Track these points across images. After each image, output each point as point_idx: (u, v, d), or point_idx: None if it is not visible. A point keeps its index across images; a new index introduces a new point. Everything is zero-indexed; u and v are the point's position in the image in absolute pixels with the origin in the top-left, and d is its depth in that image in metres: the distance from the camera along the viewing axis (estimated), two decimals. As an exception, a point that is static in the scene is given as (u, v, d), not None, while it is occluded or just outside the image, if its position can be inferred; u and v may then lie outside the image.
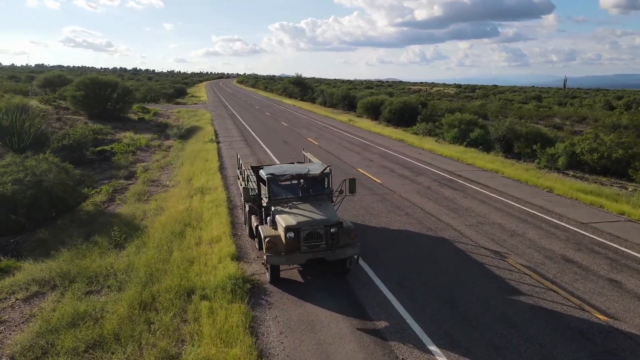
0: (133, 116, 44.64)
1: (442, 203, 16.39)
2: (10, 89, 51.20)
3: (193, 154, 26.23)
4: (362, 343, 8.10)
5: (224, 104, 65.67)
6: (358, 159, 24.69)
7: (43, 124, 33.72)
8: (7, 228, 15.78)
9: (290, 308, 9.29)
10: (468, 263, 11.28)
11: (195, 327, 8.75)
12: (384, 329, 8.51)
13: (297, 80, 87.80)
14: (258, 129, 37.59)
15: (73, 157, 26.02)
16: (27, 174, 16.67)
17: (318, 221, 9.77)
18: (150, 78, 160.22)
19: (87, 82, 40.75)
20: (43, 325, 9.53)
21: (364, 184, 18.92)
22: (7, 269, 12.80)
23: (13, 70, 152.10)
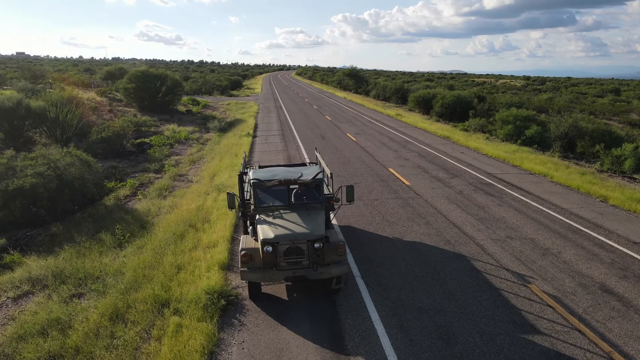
0: (182, 108, 45.37)
1: (470, 211, 14.71)
2: (74, 81, 53.82)
3: (226, 148, 25.85)
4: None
5: (275, 97, 65.59)
6: (393, 157, 23.19)
7: (92, 115, 34.90)
8: (27, 220, 15.97)
9: (261, 332, 8.32)
10: (481, 288, 9.75)
11: (156, 347, 8.00)
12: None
13: (352, 73, 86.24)
14: (299, 122, 36.80)
15: (112, 149, 26.55)
16: (49, 167, 16.80)
17: (299, 235, 8.66)
18: (213, 70, 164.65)
19: (138, 74, 41.81)
20: (16, 330, 9.22)
21: (390, 186, 17.52)
22: (11, 264, 12.81)
23: (91, 64, 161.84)
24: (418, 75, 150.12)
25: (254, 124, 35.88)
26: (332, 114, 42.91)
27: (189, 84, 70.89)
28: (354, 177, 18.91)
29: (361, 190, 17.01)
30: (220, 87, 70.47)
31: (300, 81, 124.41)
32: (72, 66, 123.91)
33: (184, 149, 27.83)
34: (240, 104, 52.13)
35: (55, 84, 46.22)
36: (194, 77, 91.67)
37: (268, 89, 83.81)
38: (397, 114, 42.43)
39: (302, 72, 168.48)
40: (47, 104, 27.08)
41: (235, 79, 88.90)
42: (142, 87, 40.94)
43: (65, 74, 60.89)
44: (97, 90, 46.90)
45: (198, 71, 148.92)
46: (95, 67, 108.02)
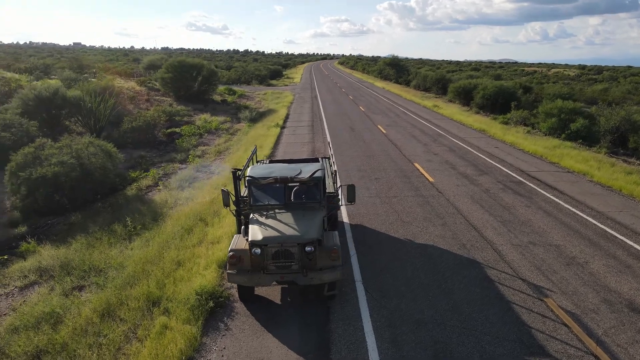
0: (217, 98, 45.69)
1: (494, 212, 13.73)
2: (117, 71, 55.34)
3: (252, 139, 25.64)
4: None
5: (313, 87, 65.08)
6: (421, 151, 22.23)
7: (129, 105, 35.63)
8: (50, 209, 16.31)
9: (246, 338, 7.92)
10: (490, 300, 8.94)
11: (138, 348, 7.77)
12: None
13: (393, 62, 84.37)
14: (331, 113, 36.17)
15: (143, 138, 26.95)
16: (72, 156, 17.07)
17: (289, 237, 8.16)
18: (256, 59, 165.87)
19: (175, 64, 42.34)
20: (13, 321, 9.28)
21: (412, 183, 16.70)
22: (25, 252, 13.05)
23: (140, 53, 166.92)
24: (464, 65, 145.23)
25: (285, 114, 35.57)
26: (367, 105, 41.98)
27: (230, 74, 71.54)
28: (376, 172, 18.20)
29: (381, 186, 16.30)
30: (259, 76, 70.63)
31: (342, 70, 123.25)
32: (123, 56, 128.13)
33: (212, 139, 27.89)
34: (277, 94, 51.99)
35: (99, 73, 47.64)
36: (236, 66, 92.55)
37: (307, 79, 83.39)
38: (435, 105, 40.98)
39: (345, 62, 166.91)
40: (83, 94, 27.77)
41: (275, 68, 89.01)
42: (179, 77, 41.42)
43: (110, 64, 62.78)
44: (137, 79, 47.96)
45: (241, 60, 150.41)
46: (145, 57, 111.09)
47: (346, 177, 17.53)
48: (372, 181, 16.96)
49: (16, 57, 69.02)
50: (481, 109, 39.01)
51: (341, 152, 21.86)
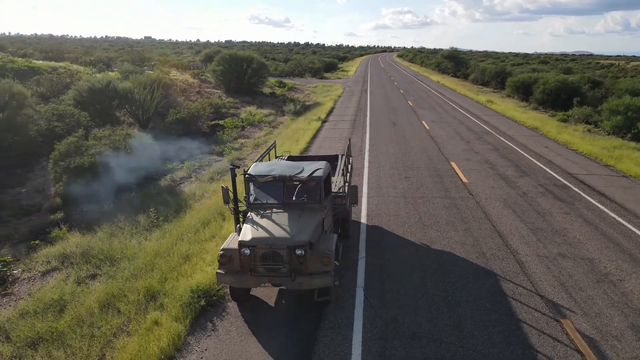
0: (267, 90, 46.10)
1: (526, 218, 12.70)
2: (174, 63, 57.28)
3: (291, 133, 25.56)
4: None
5: (365, 80, 64.16)
6: (462, 149, 21.13)
7: (180, 96, 36.71)
8: (87, 196, 17.02)
9: (230, 340, 7.73)
10: (498, 317, 8.19)
11: (125, 343, 7.80)
12: (315, 398, 6.44)
13: (452, 55, 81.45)
14: (377, 108, 35.36)
15: (188, 129, 27.59)
16: (110, 147, 17.71)
17: (278, 239, 7.86)
18: (315, 52, 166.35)
19: (226, 57, 43.12)
20: (25, 306, 9.66)
21: (444, 183, 15.86)
22: (56, 238, 13.64)
23: (204, 46, 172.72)
24: (532, 57, 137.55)
25: (330, 108, 35.22)
26: (416, 99, 40.70)
27: (284, 66, 72.09)
28: (408, 170, 17.47)
29: (409, 185, 15.60)
30: (312, 69, 70.60)
31: (399, 63, 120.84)
32: (188, 49, 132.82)
33: (254, 132, 28.08)
34: (327, 87, 51.70)
35: (156, 66, 49.49)
36: (294, 59, 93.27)
37: (361, 72, 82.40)
38: (488, 100, 39.01)
39: (404, 55, 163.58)
40: (133, 85, 28.85)
41: (330, 61, 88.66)
42: (229, 70, 42.15)
43: (170, 57, 65.12)
44: (192, 72, 49.37)
45: (300, 53, 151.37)
46: (208, 49, 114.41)
47: (376, 174, 16.96)
48: (401, 180, 16.28)
49: (87, 50, 73.24)
50: (541, 105, 36.72)
51: (377, 148, 21.24)
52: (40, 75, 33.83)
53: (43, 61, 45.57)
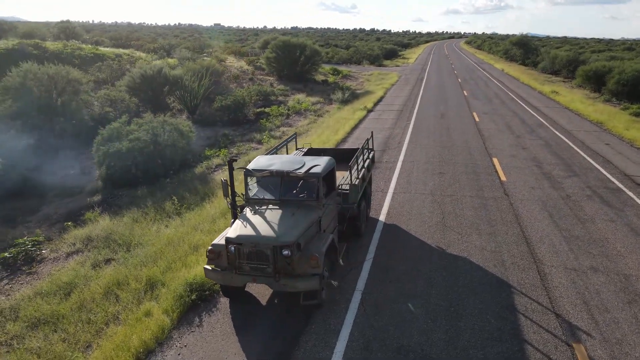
0: (320, 77, 45.75)
1: (563, 224, 11.56)
2: (232, 50, 58.32)
3: (333, 123, 25.13)
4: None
5: (424, 68, 62.03)
6: (509, 144, 19.73)
7: (232, 83, 37.27)
8: (125, 181, 17.63)
9: (212, 338, 7.58)
10: (500, 336, 7.44)
11: (113, 331, 7.90)
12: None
13: (521, 41, 76.74)
14: (429, 98, 33.99)
15: (233, 116, 27.91)
16: (148, 134, 18.20)
17: (263, 238, 7.56)
18: (379, 39, 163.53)
19: (279, 44, 43.18)
20: (41, 286, 10.10)
21: (479, 181, 14.84)
22: (87, 221, 14.23)
23: (269, 33, 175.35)
24: (617, 44, 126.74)
25: (380, 97, 34.33)
26: (473, 89, 38.70)
27: (342, 54, 71.37)
28: (444, 166, 16.55)
29: (441, 182, 14.76)
30: (371, 56, 69.32)
31: (465, 51, 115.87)
32: (253, 35, 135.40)
33: (298, 120, 27.93)
34: (383, 75, 50.53)
35: (213, 53, 50.60)
36: (356, 46, 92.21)
37: (422, 60, 79.84)
38: (553, 91, 36.31)
39: (472, 41, 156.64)
40: (184, 73, 29.60)
41: (391, 48, 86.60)
42: (282, 57, 42.21)
43: (231, 44, 66.39)
44: (247, 59, 50.01)
45: (364, 40, 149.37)
46: (268, 36, 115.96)
47: (408, 169, 16.22)
48: (434, 176, 15.44)
49: (154, 38, 76.31)
50: (614, 97, 33.70)
51: (417, 141, 20.35)
52: (103, 62, 35.58)
53: (111, 48, 47.96)
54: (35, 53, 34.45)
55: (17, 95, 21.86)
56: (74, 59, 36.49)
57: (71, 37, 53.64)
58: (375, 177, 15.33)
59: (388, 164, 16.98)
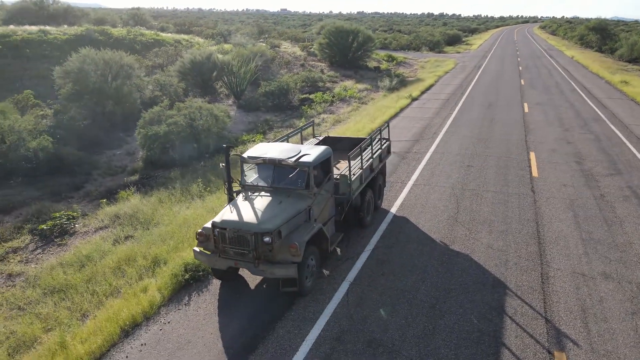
0: (372, 64, 45.14)
1: (587, 226, 10.82)
2: (288, 36, 58.79)
3: (373, 111, 24.84)
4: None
5: (486, 55, 59.28)
6: (554, 138, 18.58)
7: (283, 69, 37.71)
8: (163, 162, 18.56)
9: (194, 317, 7.91)
10: (478, 337, 7.17)
11: (111, 304, 8.46)
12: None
13: (599, 26, 71.17)
14: (481, 86, 32.58)
15: (277, 102, 28.34)
16: (185, 118, 18.98)
17: (245, 224, 7.75)
18: (446, 24, 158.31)
19: (332, 29, 42.96)
20: (63, 258, 10.96)
21: (507, 176, 14.18)
22: (120, 199, 15.16)
23: (334, 18, 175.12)
24: None
25: (429, 85, 33.38)
26: (532, 78, 36.57)
27: (400, 39, 69.83)
28: (475, 158, 15.93)
29: (466, 176, 14.26)
30: (431, 42, 67.25)
31: (537, 36, 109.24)
32: (318, 21, 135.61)
33: (341, 107, 27.86)
34: (439, 62, 48.98)
35: (268, 39, 51.32)
36: (419, 31, 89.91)
37: (486, 46, 76.30)
38: (622, 81, 33.53)
39: (546, 26, 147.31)
40: (232, 58, 30.35)
41: (454, 33, 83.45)
42: (334, 43, 42.01)
43: (287, 30, 66.92)
44: (301, 45, 50.26)
45: (431, 25, 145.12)
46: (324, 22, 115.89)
47: (436, 161, 15.79)
48: (460, 168, 14.93)
49: (216, 23, 78.48)
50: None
51: (454, 131, 19.69)
52: (160, 47, 37.23)
53: (173, 34, 49.98)
54: (100, 39, 36.69)
55: (76, 78, 23.43)
56: (135, 44, 38.46)
57: (139, 24, 56.48)
58: (398, 168, 15.08)
59: (417, 154, 16.60)
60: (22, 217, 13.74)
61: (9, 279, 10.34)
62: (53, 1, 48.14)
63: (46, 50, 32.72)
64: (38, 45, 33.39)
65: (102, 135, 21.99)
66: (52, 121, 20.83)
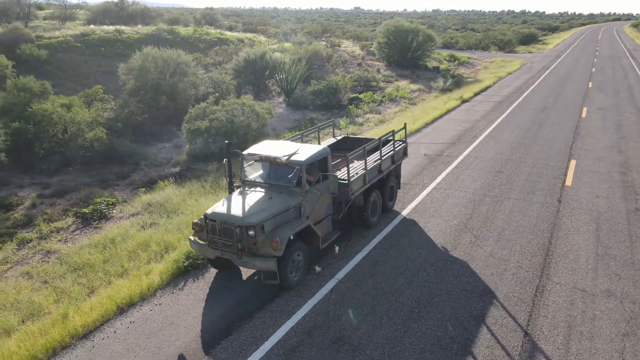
0: (434, 63, 44.20)
1: (605, 241, 10.16)
2: (352, 35, 58.92)
3: (419, 112, 24.50)
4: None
5: (559, 55, 55.84)
6: (604, 146, 17.37)
7: (339, 68, 38.03)
8: (205, 155, 19.60)
9: (184, 302, 8.46)
10: (447, 345, 7.07)
11: (117, 284, 9.22)
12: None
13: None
14: (542, 88, 30.91)
15: (327, 101, 28.72)
16: (227, 114, 19.89)
17: (231, 217, 8.17)
18: (525, 21, 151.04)
19: (391, 29, 42.64)
20: (93, 240, 12.03)
21: (536, 183, 13.55)
22: (157, 188, 16.24)
23: (404, 16, 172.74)
24: None
25: (486, 86, 32.22)
26: (603, 81, 34.07)
27: (468, 39, 67.59)
28: (507, 164, 15.34)
29: (493, 181, 13.81)
30: (501, 41, 64.46)
31: (626, 35, 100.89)
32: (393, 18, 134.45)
33: (388, 108, 27.72)
34: (505, 62, 46.96)
35: (329, 38, 51.79)
36: (494, 29, 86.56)
37: (563, 46, 71.76)
38: None
39: (639, 24, 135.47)
40: (284, 56, 31.13)
41: (529, 32, 79.25)
42: (393, 42, 41.69)
43: (351, 28, 67.02)
44: (361, 44, 50.24)
45: (508, 23, 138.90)
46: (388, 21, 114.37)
47: (465, 165, 15.40)
48: (488, 174, 14.47)
49: (283, 22, 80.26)
50: None
51: (496, 135, 19.01)
52: (220, 46, 38.90)
53: (239, 33, 51.93)
54: (168, 38, 39.07)
55: (138, 75, 25.21)
56: (200, 43, 40.51)
57: (210, 23, 59.25)
58: (424, 171, 14.90)
59: (448, 157, 16.27)
60: (72, 201, 15.12)
61: (46, 255, 11.52)
62: (132, 2, 51.76)
63: (119, 48, 35.41)
64: (113, 43, 36.22)
65: (156, 128, 23.51)
66: (111, 114, 22.61)
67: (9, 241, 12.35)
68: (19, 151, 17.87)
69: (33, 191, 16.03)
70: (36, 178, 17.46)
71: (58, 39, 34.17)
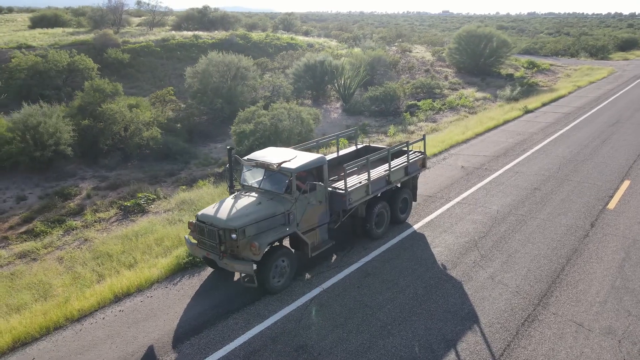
0: (509, 70, 42.00)
1: (629, 272, 9.17)
2: (427, 40, 57.62)
3: (473, 123, 23.51)
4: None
5: (660, 62, 50.53)
6: (671, 166, 15.58)
7: (404, 74, 37.51)
8: (250, 158, 20.31)
9: (173, 296, 8.94)
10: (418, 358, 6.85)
11: (123, 274, 9.95)
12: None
13: None
14: (622, 101, 28.22)
15: (384, 107, 28.48)
16: (272, 119, 20.52)
17: (215, 220, 8.50)
18: (631, 25, 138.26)
19: (463, 34, 41.20)
20: (126, 232, 13.01)
21: (574, 204, 12.51)
22: (196, 187, 17.14)
23: (496, 19, 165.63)
24: None
25: (559, 96, 30.10)
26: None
27: (555, 44, 63.31)
28: (549, 181, 14.30)
29: (524, 199, 12.98)
30: (594, 47, 59.61)
31: None
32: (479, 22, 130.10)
33: (446, 117, 26.89)
34: (591, 70, 43.44)
35: (401, 43, 51.08)
36: (594, 34, 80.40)
37: (670, 51, 64.74)
38: None
39: None
40: (344, 62, 31.29)
41: (628, 37, 72.45)
42: (464, 48, 40.27)
43: (426, 33, 65.49)
44: (432, 49, 49.00)
45: (612, 27, 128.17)
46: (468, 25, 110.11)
47: (503, 180, 14.60)
48: (522, 190, 13.60)
49: (361, 26, 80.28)
50: None
51: (548, 150, 17.77)
52: (287, 50, 39.92)
53: (311, 38, 52.93)
54: (240, 42, 40.86)
55: (202, 78, 26.71)
56: (270, 48, 41.88)
57: (287, 28, 61.00)
58: (454, 184, 14.35)
59: (486, 171, 15.50)
60: (121, 194, 16.41)
61: (82, 242, 12.66)
62: (214, 9, 54.74)
63: (194, 52, 37.63)
64: (189, 48, 38.61)
65: (212, 129, 24.77)
66: (172, 115, 24.15)
67: (58, 227, 13.68)
68: (86, 146, 19.70)
69: (92, 183, 17.54)
70: (98, 171, 19.09)
71: (141, 44, 37.08)
